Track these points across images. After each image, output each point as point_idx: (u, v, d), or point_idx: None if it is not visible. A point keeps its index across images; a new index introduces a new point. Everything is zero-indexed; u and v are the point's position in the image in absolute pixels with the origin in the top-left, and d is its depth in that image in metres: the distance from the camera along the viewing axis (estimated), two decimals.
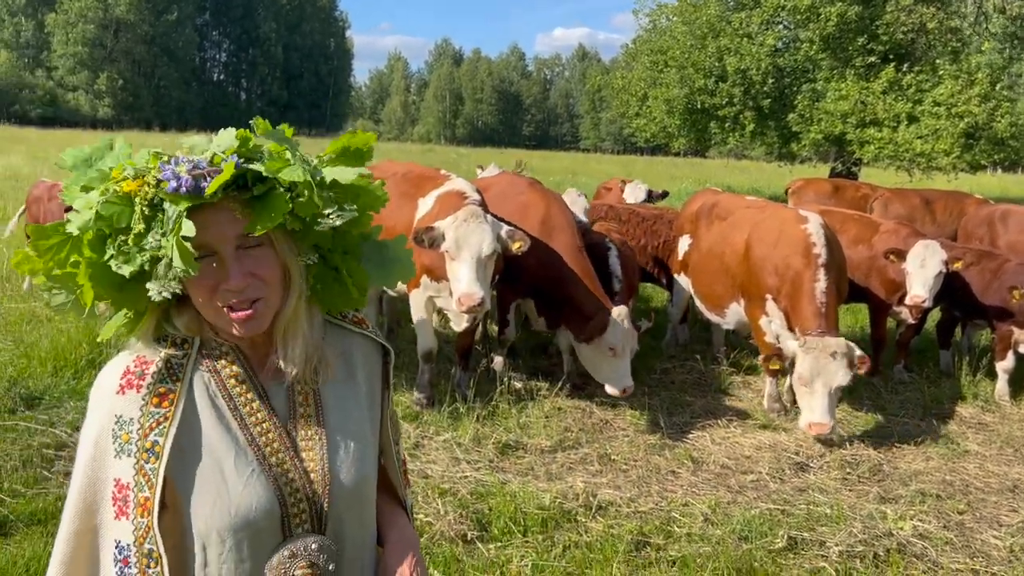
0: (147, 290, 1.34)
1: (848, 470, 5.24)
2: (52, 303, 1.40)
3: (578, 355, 6.05)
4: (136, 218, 1.29)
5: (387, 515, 1.68)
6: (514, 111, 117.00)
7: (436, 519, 4.19)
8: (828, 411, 5.32)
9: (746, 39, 21.64)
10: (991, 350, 6.98)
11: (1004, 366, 6.72)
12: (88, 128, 59.23)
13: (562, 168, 35.05)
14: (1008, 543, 4.34)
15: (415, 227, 5.64)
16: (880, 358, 7.19)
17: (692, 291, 7.21)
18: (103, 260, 1.31)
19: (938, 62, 19.25)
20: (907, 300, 6.46)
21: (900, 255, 6.44)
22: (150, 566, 1.38)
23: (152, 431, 1.39)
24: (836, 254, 6.00)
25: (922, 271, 6.35)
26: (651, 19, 25.88)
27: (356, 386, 1.59)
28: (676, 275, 7.60)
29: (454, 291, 5.28)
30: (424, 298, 5.94)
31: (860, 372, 5.42)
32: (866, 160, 20.85)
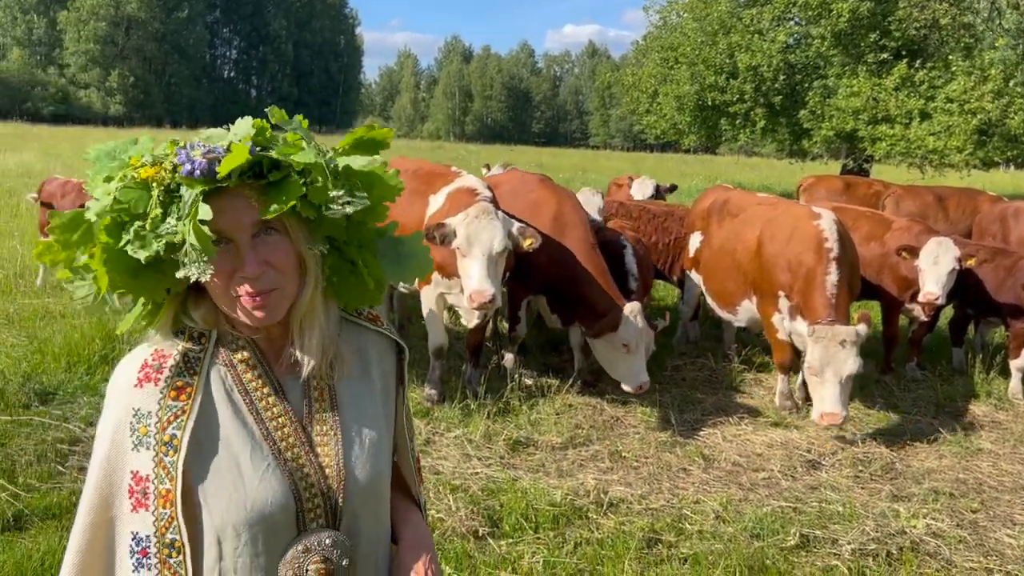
0: (165, 278, 1.35)
1: (860, 468, 5.22)
2: (76, 295, 1.41)
3: (593, 352, 6.05)
4: (153, 203, 1.30)
5: (401, 512, 1.69)
6: (524, 108, 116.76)
7: (448, 515, 4.20)
8: (840, 401, 5.26)
9: (757, 35, 21.56)
10: (1004, 347, 6.94)
11: (1018, 364, 6.68)
12: (99, 125, 59.47)
13: (571, 165, 35.01)
14: (1022, 542, 4.31)
15: (426, 224, 5.65)
16: (892, 356, 7.17)
17: (703, 288, 7.19)
18: (119, 246, 1.32)
19: (951, 58, 19.11)
20: (920, 297, 6.43)
21: (913, 252, 6.41)
22: (172, 556, 1.39)
23: (170, 424, 1.39)
24: (848, 250, 5.97)
25: (935, 268, 6.31)
26: (662, 16, 25.82)
27: (371, 383, 1.59)
28: (687, 272, 7.59)
29: (465, 288, 5.28)
30: (435, 295, 5.94)
31: (860, 328, 5.31)
32: (878, 157, 20.74)
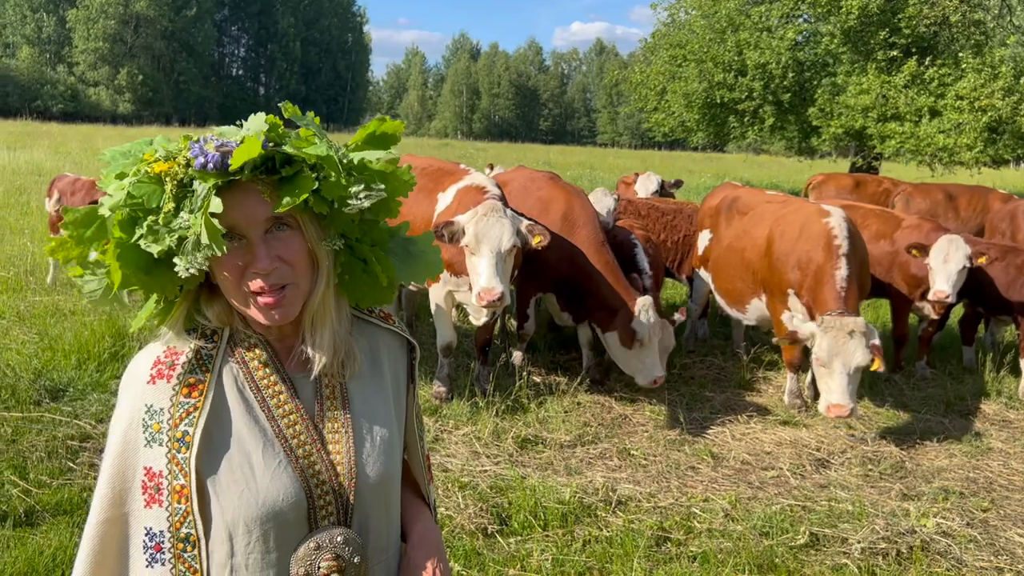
0: (176, 274, 1.35)
1: (870, 467, 5.21)
2: (85, 290, 1.42)
3: (606, 348, 6.05)
4: (166, 197, 1.30)
5: (411, 510, 1.69)
6: (531, 106, 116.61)
7: (456, 512, 4.20)
8: (848, 393, 5.20)
9: (766, 33, 21.47)
10: (1015, 346, 6.91)
11: None
12: (109, 123, 59.66)
13: (579, 163, 34.96)
14: None
15: (435, 222, 5.66)
16: (902, 354, 7.14)
17: (712, 286, 7.17)
18: (132, 241, 1.32)
19: (961, 55, 19.01)
20: (930, 296, 6.40)
21: (923, 250, 6.38)
22: (186, 550, 1.40)
23: (182, 421, 1.40)
24: (858, 248, 5.95)
25: (945, 266, 6.28)
26: (670, 13, 25.72)
27: (382, 381, 1.60)
28: (696, 270, 7.57)
29: (474, 286, 5.28)
30: (443, 292, 5.95)
31: (873, 366, 5.26)
32: (887, 155, 20.64)
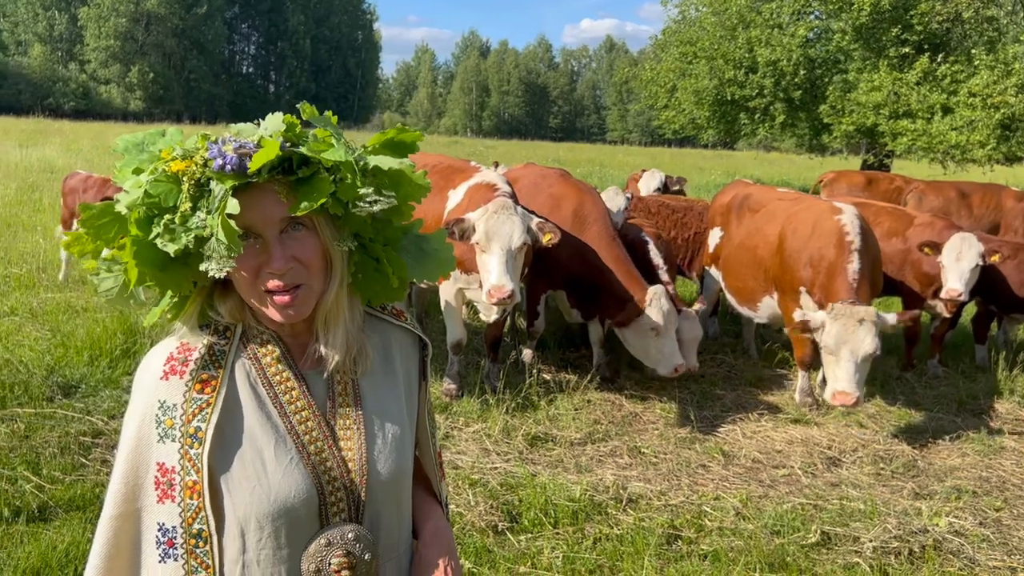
0: (192, 272, 1.35)
1: (882, 465, 5.18)
2: (100, 287, 1.42)
3: (624, 344, 6.04)
4: (183, 197, 1.31)
5: (422, 508, 1.69)
6: (541, 103, 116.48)
7: (467, 509, 4.20)
8: (854, 380, 5.17)
9: (777, 30, 21.39)
10: None
11: None
12: (120, 120, 59.90)
13: (588, 160, 34.91)
14: None
15: (445, 219, 5.65)
16: (914, 353, 7.10)
17: (723, 284, 7.15)
18: (148, 239, 1.32)
19: (974, 52, 18.88)
20: (942, 294, 6.37)
21: (935, 248, 6.34)
22: (198, 546, 1.41)
23: (195, 417, 1.40)
24: (871, 245, 5.92)
25: (958, 264, 6.25)
26: (680, 10, 25.65)
27: (394, 378, 1.60)
28: (707, 268, 7.55)
29: (484, 283, 5.28)
30: (454, 290, 5.95)
31: (902, 324, 5.39)
32: (899, 152, 20.53)
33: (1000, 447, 5.55)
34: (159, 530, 1.42)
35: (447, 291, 6.01)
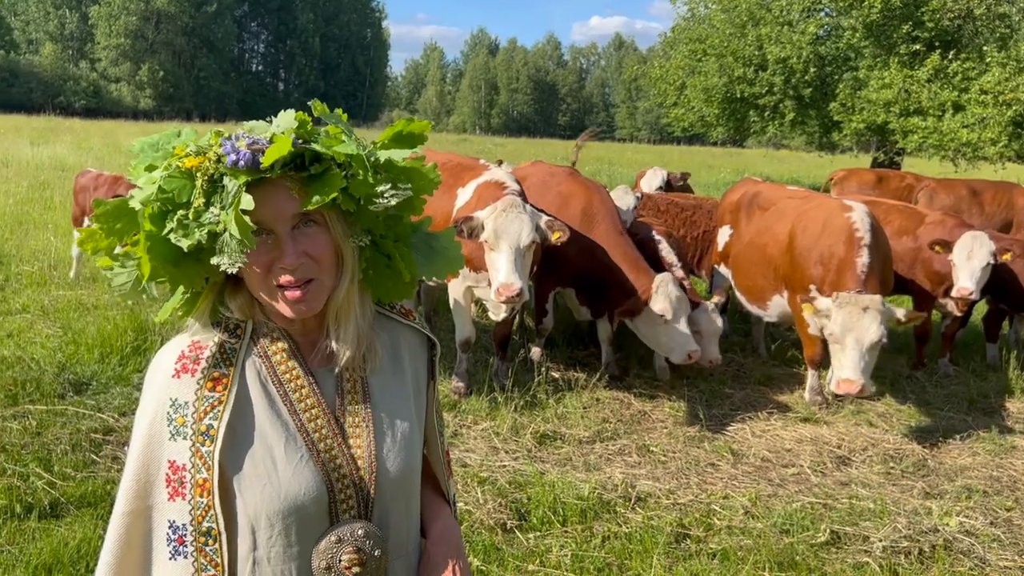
0: (204, 267, 1.37)
1: (892, 464, 5.17)
2: (114, 283, 1.43)
3: (639, 335, 6.04)
4: (197, 192, 1.32)
5: (430, 507, 1.70)
6: (549, 101, 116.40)
7: (475, 507, 4.21)
8: (859, 368, 5.13)
9: (787, 27, 21.32)
10: None
11: None
12: (130, 119, 60.15)
13: (597, 158, 34.82)
14: None
15: (454, 217, 5.66)
16: (924, 351, 7.07)
17: (733, 283, 7.13)
18: (162, 234, 1.33)
19: (985, 49, 18.77)
20: (953, 292, 6.33)
21: (946, 246, 6.31)
22: (208, 543, 1.41)
23: (207, 415, 1.41)
24: (881, 243, 5.90)
25: (969, 263, 6.21)
26: (689, 7, 25.59)
27: (403, 376, 1.60)
28: (716, 266, 7.53)
29: (492, 281, 5.28)
30: (462, 288, 5.95)
31: (909, 323, 5.32)
32: (909, 150, 20.44)
33: (1011, 446, 5.52)
34: (170, 527, 1.43)
35: (456, 289, 6.02)
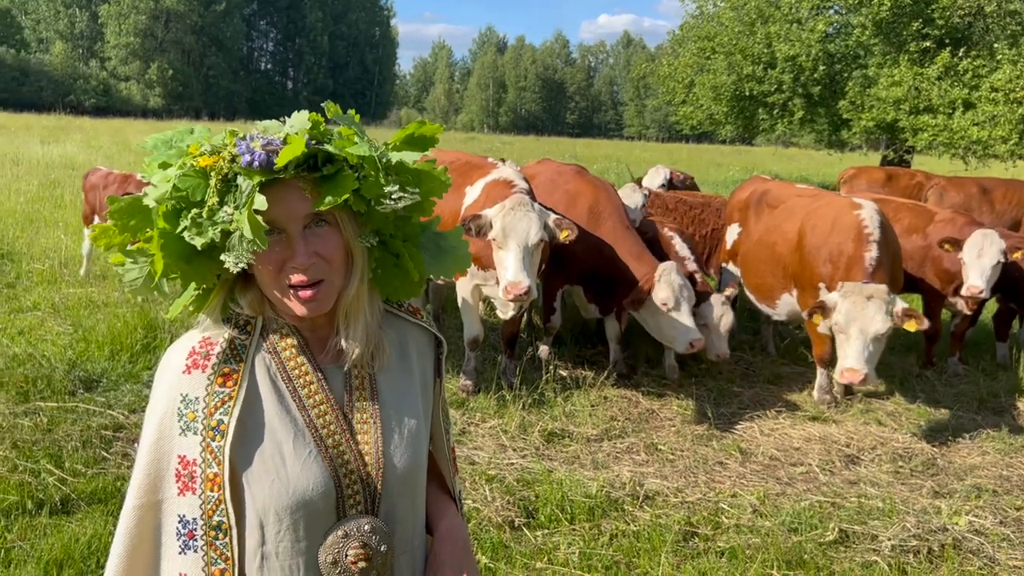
0: (216, 264, 1.38)
1: (900, 463, 5.15)
2: (125, 278, 1.45)
3: (645, 328, 6.04)
4: (211, 191, 1.33)
5: (437, 505, 1.71)
6: (558, 99, 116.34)
7: (483, 505, 4.21)
8: (863, 358, 5.10)
9: (796, 25, 21.26)
10: None
11: None
12: (139, 117, 60.42)
13: (605, 156, 34.79)
14: None
15: (462, 215, 5.66)
16: (934, 350, 7.05)
17: (742, 281, 7.12)
18: (176, 232, 1.35)
19: (996, 46, 18.66)
20: (963, 291, 6.30)
21: (956, 244, 6.29)
22: (218, 537, 1.43)
23: (217, 410, 1.43)
24: (891, 240, 5.88)
25: (979, 261, 6.18)
26: (698, 5, 25.53)
27: (410, 374, 1.61)
28: (724, 264, 7.52)
29: (501, 280, 5.28)
30: (471, 286, 5.96)
31: (909, 326, 5.16)
32: (919, 148, 20.35)
33: (1021, 446, 5.49)
34: (179, 522, 1.44)
35: (464, 287, 6.03)
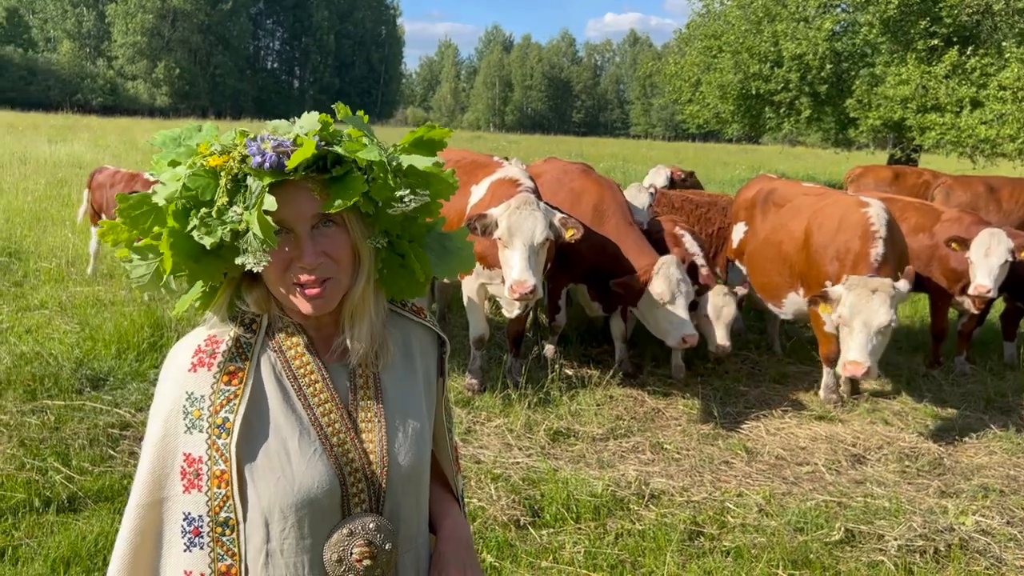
0: (224, 263, 1.39)
1: (907, 463, 5.14)
2: (132, 274, 1.46)
3: (643, 322, 6.03)
4: (220, 191, 1.34)
5: (441, 504, 1.71)
6: (564, 98, 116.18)
7: (489, 504, 4.22)
8: (866, 351, 5.10)
9: (803, 23, 21.22)
10: None
11: None
12: (146, 116, 60.57)
13: (612, 155, 34.80)
14: None
15: (468, 214, 5.67)
16: (941, 350, 7.03)
17: (748, 280, 7.10)
18: (185, 231, 1.36)
19: (1004, 44, 18.59)
20: (971, 290, 6.28)
21: (963, 243, 6.27)
22: (225, 534, 1.43)
23: (222, 408, 1.43)
24: (897, 239, 5.87)
25: (986, 260, 6.16)
26: (705, 4, 25.53)
27: (414, 373, 1.62)
28: (730, 263, 7.51)
29: (506, 279, 5.28)
30: (476, 285, 5.96)
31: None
32: (927, 146, 20.29)
33: None
34: (185, 520, 1.45)
35: (470, 286, 6.03)
